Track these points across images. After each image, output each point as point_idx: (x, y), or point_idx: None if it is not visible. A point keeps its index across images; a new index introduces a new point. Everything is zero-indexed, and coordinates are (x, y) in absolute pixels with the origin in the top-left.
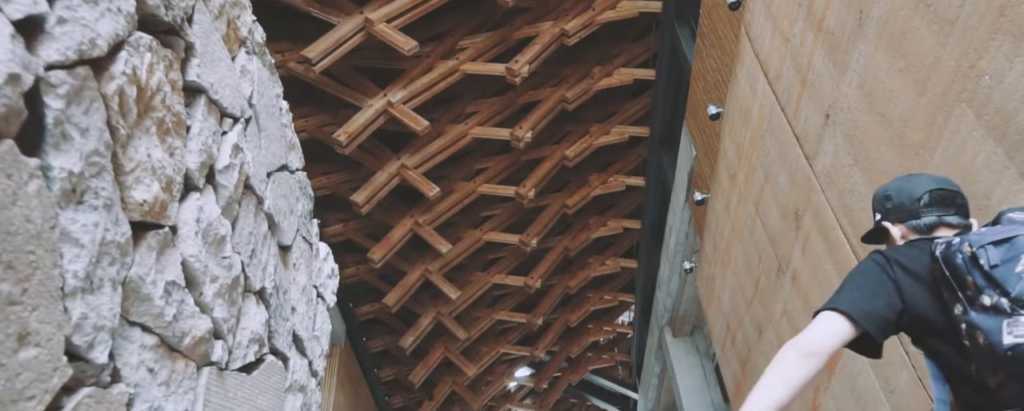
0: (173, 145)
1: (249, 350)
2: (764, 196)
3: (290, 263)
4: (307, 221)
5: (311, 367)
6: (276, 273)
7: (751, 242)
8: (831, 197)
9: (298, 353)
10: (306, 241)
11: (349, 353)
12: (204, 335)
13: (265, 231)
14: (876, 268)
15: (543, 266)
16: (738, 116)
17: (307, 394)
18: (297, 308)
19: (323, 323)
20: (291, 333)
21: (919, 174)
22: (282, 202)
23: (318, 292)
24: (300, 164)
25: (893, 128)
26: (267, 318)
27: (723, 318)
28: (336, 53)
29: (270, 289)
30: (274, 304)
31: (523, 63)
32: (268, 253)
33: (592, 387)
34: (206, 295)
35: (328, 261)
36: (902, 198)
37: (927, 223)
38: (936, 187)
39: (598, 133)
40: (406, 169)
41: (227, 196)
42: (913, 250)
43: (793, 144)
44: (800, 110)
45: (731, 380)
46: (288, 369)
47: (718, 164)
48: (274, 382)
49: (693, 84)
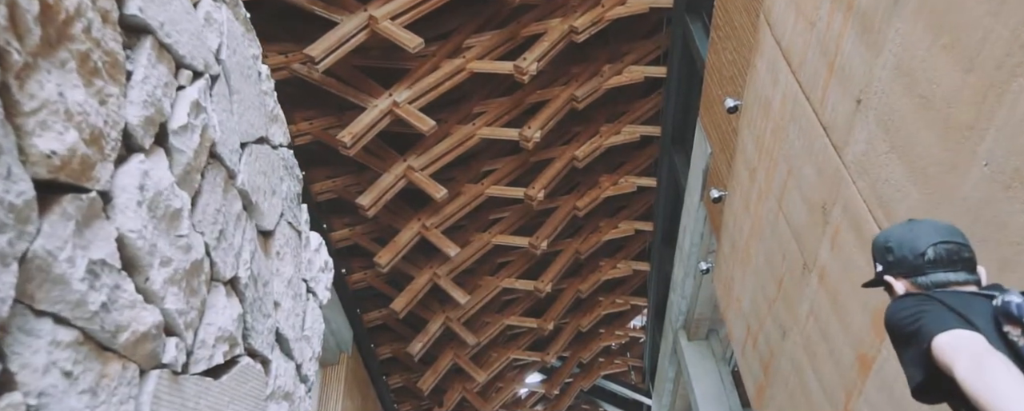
0: (105, 91)
1: (216, 350)
2: (787, 190)
3: (273, 251)
4: (294, 205)
5: (299, 371)
6: (254, 261)
7: (773, 239)
8: (863, 188)
9: (283, 355)
10: (293, 228)
11: (357, 360)
12: (150, 330)
13: (239, 211)
14: (938, 306)
15: (553, 270)
16: (757, 108)
17: (294, 402)
18: (281, 304)
19: (314, 322)
20: (273, 332)
21: (921, 222)
22: (261, 180)
23: (308, 287)
24: (284, 139)
25: (936, 110)
26: (241, 313)
27: (743, 320)
28: (339, 51)
29: (245, 279)
30: (250, 297)
31: (531, 61)
32: (243, 237)
33: (604, 393)
34: (154, 281)
35: (321, 253)
36: (904, 252)
37: (935, 282)
38: (941, 240)
39: (608, 133)
40: (412, 171)
41: (185, 163)
42: (954, 298)
43: (820, 134)
44: (827, 97)
45: (752, 384)
46: (269, 373)
47: (736, 160)
48: (250, 388)
49: (707, 79)
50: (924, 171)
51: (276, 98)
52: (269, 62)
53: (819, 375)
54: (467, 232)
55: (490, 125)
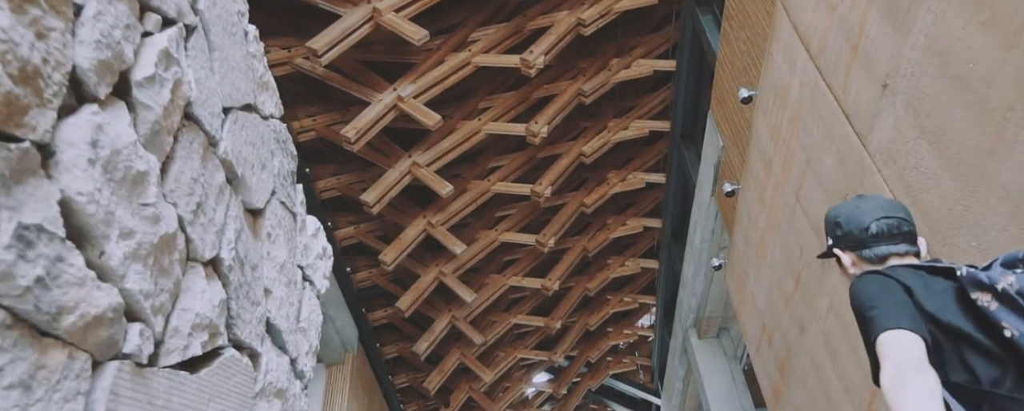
0: (43, 22)
1: (193, 340)
2: (806, 182)
3: (263, 232)
4: (288, 185)
5: (294, 366)
6: (240, 242)
7: (790, 233)
8: (890, 176)
9: (275, 348)
10: (287, 208)
11: (362, 359)
12: (105, 314)
13: (221, 184)
14: (897, 292)
15: (561, 267)
16: (773, 98)
17: (289, 400)
18: (273, 291)
19: (312, 313)
20: (264, 322)
21: (868, 199)
22: (248, 151)
23: (305, 275)
24: (276, 111)
25: (972, 90)
26: (224, 299)
27: (758, 317)
28: (343, 44)
29: (229, 261)
30: (235, 281)
31: (538, 54)
32: (226, 214)
33: (612, 392)
34: (111, 255)
35: (318, 238)
36: (851, 227)
37: (877, 254)
38: (883, 215)
39: (616, 128)
40: (418, 167)
41: (152, 121)
42: (912, 276)
43: (841, 122)
44: (849, 83)
45: (768, 384)
46: (259, 368)
47: (750, 152)
48: (235, 384)
49: (719, 70)
50: (958, 157)
51: (266, 64)
52: (271, 57)
53: (841, 373)
54: (473, 229)
55: (496, 120)
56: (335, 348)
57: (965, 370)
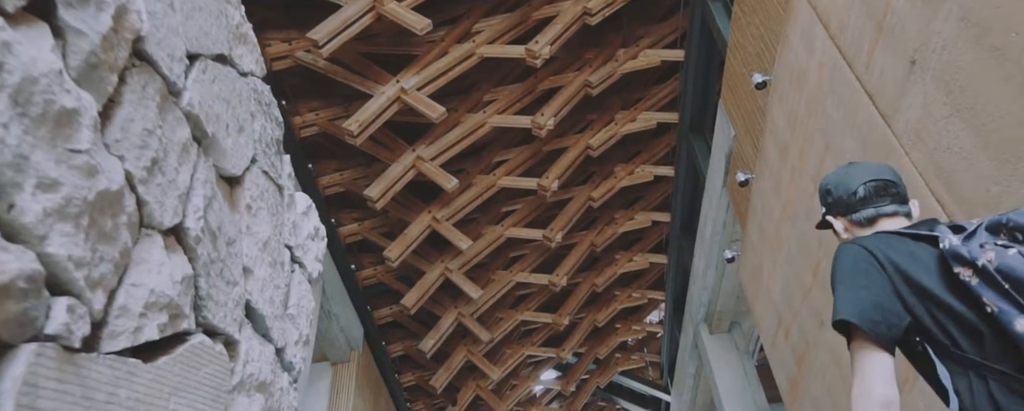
0: None
1: (148, 322)
2: (825, 167)
3: (241, 204)
4: (273, 153)
5: (281, 357)
6: (211, 211)
7: (808, 222)
8: (918, 159)
9: (257, 335)
10: (271, 180)
11: (368, 358)
12: (13, 282)
13: (185, 141)
14: (873, 268)
15: (568, 263)
16: (789, 82)
17: (273, 394)
18: (254, 271)
19: (302, 298)
20: (242, 305)
21: (858, 164)
22: (221, 109)
23: (294, 256)
24: (258, 69)
25: (1011, 61)
26: (190, 275)
27: (773, 310)
28: (344, 35)
29: (196, 231)
30: (205, 256)
31: (544, 44)
32: (193, 177)
33: (621, 390)
34: (26, 210)
35: (310, 217)
36: (840, 193)
37: (866, 216)
38: (870, 178)
39: (624, 120)
40: (422, 161)
41: (86, 51)
42: (890, 244)
43: (864, 102)
44: (873, 62)
45: (784, 379)
46: (237, 357)
47: (764, 140)
48: (206, 376)
49: (730, 58)
50: (996, 133)
51: (243, 13)
52: (272, 51)
53: None
54: (479, 225)
55: (501, 113)
56: (340, 346)
57: (948, 338)
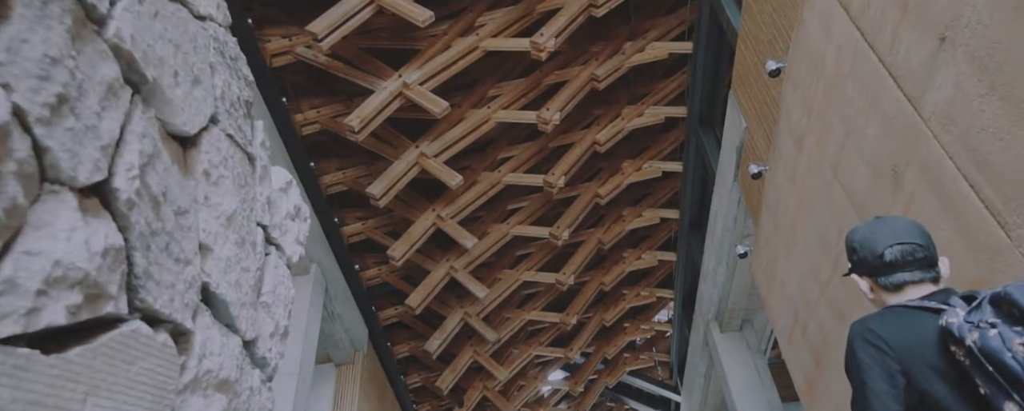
0: None
1: (51, 302)
2: (845, 156)
3: (197, 169)
4: (240, 117)
5: (250, 351)
6: (152, 171)
7: (826, 214)
8: (949, 142)
9: (219, 325)
10: (238, 146)
11: (373, 359)
12: None
13: (111, 81)
14: (879, 357)
15: (575, 261)
16: (805, 68)
17: (241, 395)
18: (215, 249)
19: (279, 285)
20: (197, 288)
21: (885, 221)
22: (167, 52)
23: (269, 236)
24: (220, 17)
25: None
26: (120, 247)
27: (789, 306)
28: (344, 27)
29: (129, 193)
30: (143, 225)
31: (549, 36)
32: (125, 127)
33: (630, 389)
34: None
35: (289, 195)
36: (866, 253)
37: (893, 283)
38: (897, 241)
39: (631, 115)
40: (425, 157)
41: None
42: (901, 323)
43: (888, 85)
44: (898, 42)
45: (801, 377)
46: (189, 350)
47: (778, 129)
48: (143, 371)
49: (741, 47)
50: None
51: None
52: (272, 47)
53: None
54: (484, 223)
55: (506, 108)
56: (344, 347)
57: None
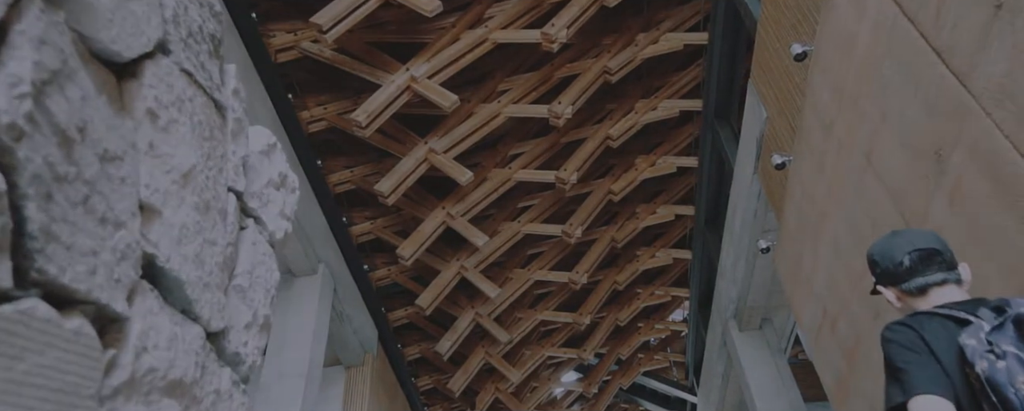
0: None
1: None
2: (880, 140)
3: (138, 106)
4: (203, 53)
5: (218, 345)
6: (56, 94)
7: (858, 203)
8: (1003, 119)
9: (169, 310)
10: (199, 87)
11: (383, 361)
12: None
13: None
14: (926, 353)
15: (588, 260)
16: (835, 50)
17: (202, 401)
18: (164, 212)
19: (259, 265)
20: (136, 260)
21: (901, 233)
22: None
23: (244, 205)
24: None
25: None
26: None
27: (816, 302)
28: (349, 19)
29: (13, 116)
30: (39, 164)
31: (560, 27)
32: (12, 27)
33: (645, 390)
34: None
35: (273, 160)
36: (886, 264)
37: (916, 286)
38: (913, 249)
39: (644, 109)
40: (434, 154)
41: None
42: (938, 330)
43: (931, 61)
44: (943, 14)
45: (831, 377)
46: (122, 342)
47: (804, 117)
48: (35, 370)
49: (761, 33)
50: None
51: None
52: (277, 41)
53: None
54: (495, 221)
55: (517, 102)
56: (353, 349)
57: None
